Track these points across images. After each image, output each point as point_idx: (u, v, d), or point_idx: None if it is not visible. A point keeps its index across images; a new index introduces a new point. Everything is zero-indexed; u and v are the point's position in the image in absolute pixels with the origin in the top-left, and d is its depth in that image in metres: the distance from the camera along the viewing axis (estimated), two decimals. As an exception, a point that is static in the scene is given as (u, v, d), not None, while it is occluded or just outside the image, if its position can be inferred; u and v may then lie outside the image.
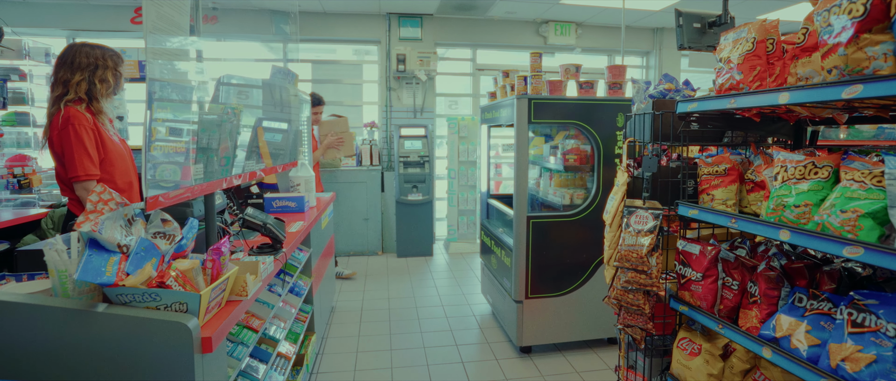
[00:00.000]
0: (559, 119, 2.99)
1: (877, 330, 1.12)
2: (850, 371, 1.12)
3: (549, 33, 6.35)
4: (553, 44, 6.45)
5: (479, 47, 6.47)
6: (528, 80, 3.26)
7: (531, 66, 3.31)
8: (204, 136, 1.83)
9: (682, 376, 1.67)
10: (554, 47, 6.61)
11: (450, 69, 6.66)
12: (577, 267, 3.01)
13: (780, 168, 1.42)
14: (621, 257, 1.71)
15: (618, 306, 1.77)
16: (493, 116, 3.60)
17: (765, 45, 1.55)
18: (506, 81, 3.64)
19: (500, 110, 3.42)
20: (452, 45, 6.43)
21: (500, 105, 3.44)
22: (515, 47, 6.51)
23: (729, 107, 1.55)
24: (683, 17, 3.85)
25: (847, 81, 1.21)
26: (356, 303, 4.04)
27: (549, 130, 3.83)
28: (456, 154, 5.81)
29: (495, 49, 6.59)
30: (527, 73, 3.29)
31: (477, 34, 6.24)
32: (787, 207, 1.34)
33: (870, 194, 1.17)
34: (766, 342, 1.34)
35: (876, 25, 1.22)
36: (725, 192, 1.64)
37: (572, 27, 6.42)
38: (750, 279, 1.50)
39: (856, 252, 1.11)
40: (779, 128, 1.95)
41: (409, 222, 5.56)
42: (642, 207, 1.74)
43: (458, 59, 6.61)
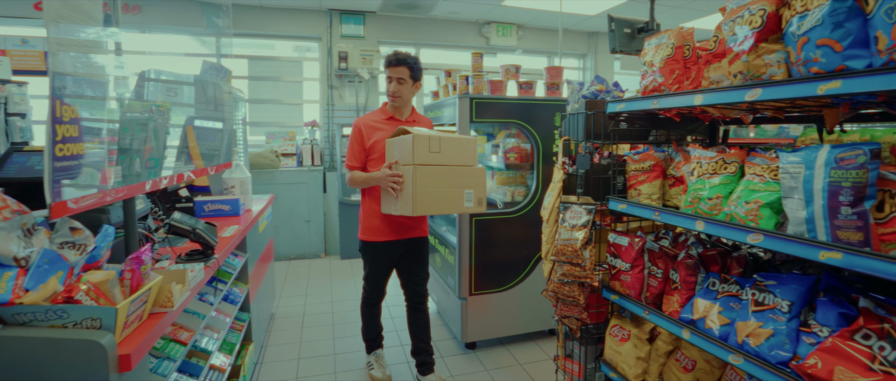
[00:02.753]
0: (500, 118, 3.06)
1: (774, 307, 1.25)
2: (752, 346, 1.24)
3: (492, 34, 6.48)
4: (495, 44, 6.59)
5: (422, 46, 6.47)
6: (469, 79, 3.31)
7: (473, 66, 3.36)
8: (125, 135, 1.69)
9: (614, 360, 1.77)
10: (496, 48, 6.75)
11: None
12: (519, 263, 3.10)
13: (696, 164, 1.55)
14: (558, 251, 1.79)
15: (555, 298, 1.84)
16: (436, 115, 3.61)
17: (682, 51, 1.68)
18: (448, 80, 3.67)
19: (442, 109, 3.45)
20: (396, 44, 6.39)
21: (442, 104, 3.46)
22: (459, 47, 6.58)
23: (652, 107, 1.66)
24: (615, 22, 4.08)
25: (749, 85, 1.34)
26: (298, 308, 3.90)
27: (491, 128, 3.91)
28: (400, 153, 5.78)
29: (439, 48, 6.62)
30: (469, 73, 3.34)
31: (420, 33, 6.24)
32: (702, 199, 1.46)
33: (768, 187, 1.31)
34: (685, 324, 1.45)
35: (771, 36, 1.36)
36: (650, 187, 1.76)
37: (514, 29, 6.60)
38: (672, 267, 1.62)
39: (757, 239, 1.24)
40: (696, 127, 2.12)
41: (354, 223, 5.45)
42: (576, 202, 1.83)
43: (402, 58, 6.58)
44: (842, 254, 1.06)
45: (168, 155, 2.08)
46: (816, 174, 1.15)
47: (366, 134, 2.45)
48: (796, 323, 1.22)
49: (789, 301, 1.24)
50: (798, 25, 1.24)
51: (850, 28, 1.13)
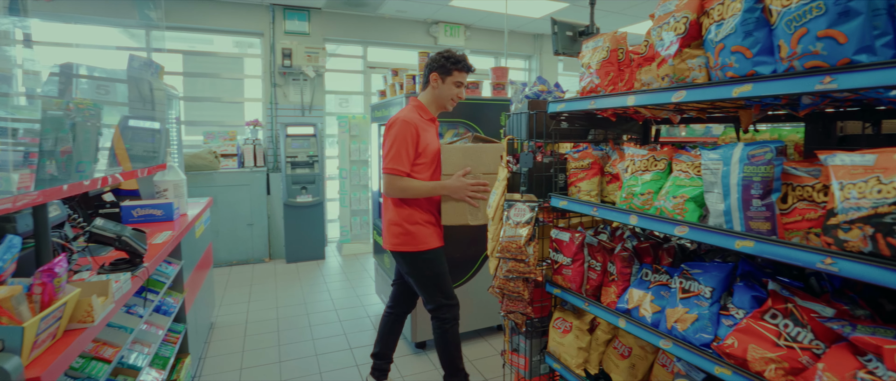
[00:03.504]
0: (447, 118, 3.08)
1: (698, 294, 1.35)
2: (680, 330, 1.33)
3: (440, 34, 6.51)
4: (443, 44, 6.63)
5: (370, 45, 6.39)
6: (416, 79, 3.31)
7: (419, 65, 3.36)
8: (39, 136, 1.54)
9: (557, 352, 1.83)
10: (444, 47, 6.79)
11: (340, 66, 6.47)
12: (468, 260, 3.14)
13: (630, 162, 1.63)
14: (502, 248, 1.82)
15: (501, 294, 1.88)
16: (384, 115, 3.58)
17: (617, 54, 1.77)
18: (395, 79, 3.65)
19: (390, 109, 3.42)
20: (343, 42, 6.26)
21: (389, 104, 3.43)
22: (407, 46, 6.55)
23: (589, 107, 1.73)
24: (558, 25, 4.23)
25: (675, 87, 1.43)
26: (240, 316, 3.73)
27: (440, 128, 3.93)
28: (347, 153, 5.67)
29: (387, 47, 6.56)
30: (416, 72, 3.33)
31: (368, 31, 6.15)
32: (635, 195, 1.54)
33: (693, 182, 1.40)
34: (622, 313, 1.53)
35: (694, 42, 1.46)
36: (589, 184, 1.83)
37: (461, 29, 6.66)
38: (609, 260, 1.70)
39: (683, 231, 1.32)
40: (631, 127, 2.23)
41: (299, 225, 5.28)
42: (520, 200, 1.87)
43: (348, 57, 6.46)
44: (754, 242, 1.16)
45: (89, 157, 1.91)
46: (732, 170, 1.25)
47: (421, 136, 2.20)
48: (717, 307, 1.32)
49: (711, 288, 1.34)
50: (715, 33, 1.34)
51: (759, 37, 1.23)
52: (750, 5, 1.24)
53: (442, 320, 2.27)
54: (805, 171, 1.18)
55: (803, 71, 1.12)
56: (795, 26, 1.13)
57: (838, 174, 1.06)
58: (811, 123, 1.72)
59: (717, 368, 1.23)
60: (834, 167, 1.08)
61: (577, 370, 1.77)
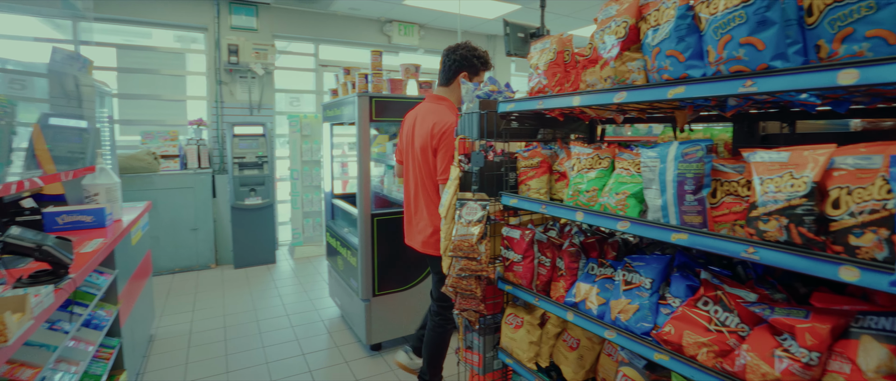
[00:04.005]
0: (401, 117, 3.06)
1: (639, 285, 1.42)
2: (623, 321, 1.39)
3: (394, 33, 6.47)
4: (397, 43, 6.59)
5: (322, 42, 6.24)
6: (369, 78, 3.27)
7: (372, 64, 3.32)
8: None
9: (510, 347, 1.87)
10: (398, 47, 6.75)
11: (291, 64, 6.28)
12: (422, 260, 3.13)
13: (576, 160, 1.69)
14: (455, 246, 1.83)
15: (454, 292, 1.89)
16: (336, 114, 3.51)
17: (563, 56, 1.82)
18: (347, 78, 3.59)
19: (342, 108, 3.36)
20: (293, 39, 6.08)
21: (342, 103, 3.37)
22: (360, 44, 6.46)
23: (538, 107, 1.78)
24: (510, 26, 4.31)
25: (616, 89, 1.49)
26: (183, 326, 3.53)
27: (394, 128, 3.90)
28: (299, 154, 5.51)
29: (340, 45, 6.44)
30: (369, 70, 3.29)
31: (319, 29, 6.01)
32: (581, 192, 1.60)
33: (633, 179, 1.47)
34: (570, 307, 1.58)
35: (633, 45, 1.53)
36: (539, 182, 1.88)
37: (415, 28, 6.65)
38: (558, 256, 1.76)
39: (624, 226, 1.39)
40: (578, 126, 2.31)
41: (248, 228, 5.07)
42: (472, 198, 1.89)
43: (300, 54, 6.27)
44: (687, 235, 1.23)
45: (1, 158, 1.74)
46: (668, 167, 1.32)
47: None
48: (656, 297, 1.39)
49: (651, 279, 1.41)
50: (652, 37, 1.42)
51: (690, 42, 1.31)
52: (682, 12, 1.32)
53: (445, 318, 2.40)
54: (731, 167, 1.27)
55: (728, 75, 1.20)
56: (721, 33, 1.21)
57: (759, 170, 1.15)
58: (738, 123, 1.85)
59: (656, 354, 1.30)
60: (755, 164, 1.16)
61: (528, 363, 1.81)
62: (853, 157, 1.02)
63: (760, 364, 1.09)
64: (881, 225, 0.94)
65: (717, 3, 1.23)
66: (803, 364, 1.02)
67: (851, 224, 0.98)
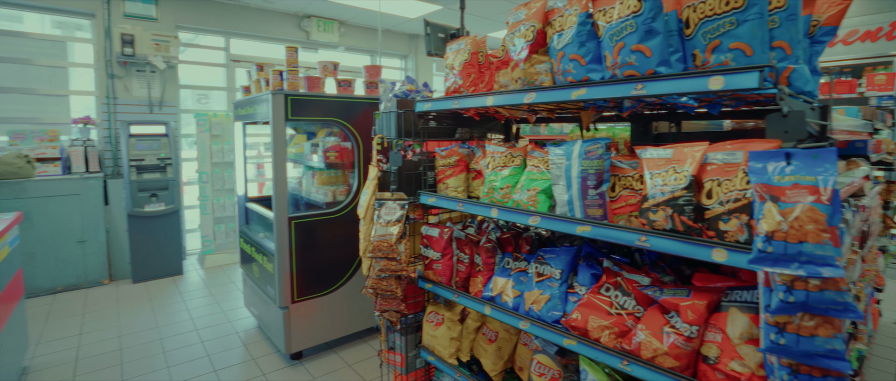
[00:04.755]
0: (319, 116, 2.96)
1: (550, 277, 1.49)
2: (536, 311, 1.46)
3: (312, 29, 6.23)
4: (317, 40, 6.36)
5: (233, 36, 5.84)
6: (284, 75, 3.11)
7: (288, 60, 3.17)
8: None
9: (431, 344, 1.88)
10: (318, 43, 6.52)
11: (199, 58, 5.80)
12: (343, 263, 3.06)
13: (491, 158, 1.75)
14: (374, 247, 1.81)
15: (375, 294, 1.86)
16: (249, 113, 3.30)
17: (477, 57, 1.87)
18: (261, 75, 3.39)
19: (255, 106, 3.17)
20: (201, 31, 5.62)
21: (255, 101, 3.18)
22: (276, 40, 6.14)
23: (453, 107, 1.81)
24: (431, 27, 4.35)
25: (526, 90, 1.56)
26: (67, 354, 3.10)
27: (313, 127, 3.76)
28: (208, 155, 5.10)
29: (253, 40, 6.07)
30: (284, 67, 3.13)
31: (231, 21, 5.61)
32: (496, 189, 1.65)
33: (543, 176, 1.55)
34: (487, 301, 1.63)
35: (541, 49, 1.61)
36: (456, 180, 1.91)
37: (335, 25, 6.46)
38: (476, 252, 1.80)
39: (535, 221, 1.45)
40: (494, 125, 2.39)
41: (149, 238, 4.60)
42: (391, 198, 1.88)
43: (209, 48, 5.81)
44: (591, 227, 1.32)
45: None
46: (573, 164, 1.41)
47: None
48: (565, 287, 1.48)
49: (560, 270, 1.49)
50: (557, 42, 1.50)
51: (590, 47, 1.41)
52: (582, 19, 1.41)
53: None
54: (627, 163, 1.38)
55: (623, 78, 1.30)
56: (616, 40, 1.31)
57: (649, 166, 1.26)
58: (635, 122, 2.02)
59: (565, 340, 1.38)
60: (646, 160, 1.28)
61: (450, 359, 1.83)
62: (722, 153, 1.16)
63: (652, 341, 1.20)
64: (743, 212, 1.08)
65: (611, 12, 1.34)
66: (686, 337, 1.14)
67: (721, 212, 1.12)
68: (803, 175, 0.98)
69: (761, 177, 1.02)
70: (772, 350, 0.96)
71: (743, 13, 1.13)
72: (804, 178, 0.97)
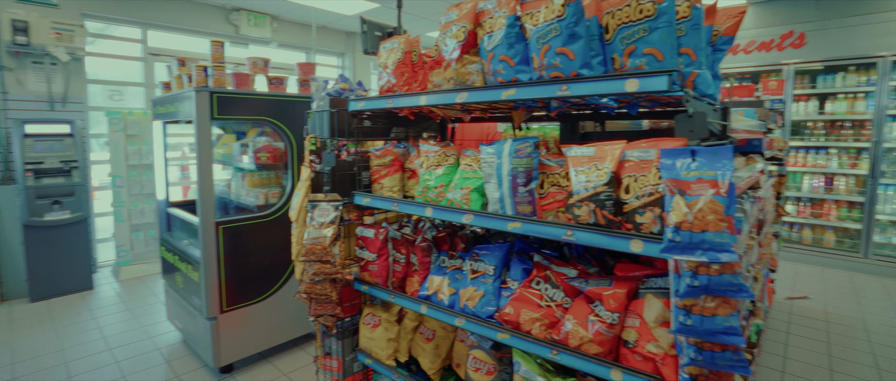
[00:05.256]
0: (249, 115, 2.81)
1: (484, 273, 1.52)
2: (470, 307, 1.48)
3: (242, 23, 5.91)
4: (247, 35, 6.04)
5: (151, 28, 5.39)
6: (209, 71, 2.92)
7: (213, 55, 2.97)
8: None
9: (369, 347, 1.85)
10: (248, 38, 6.20)
11: (112, 50, 5.29)
12: (277, 268, 2.93)
13: (425, 157, 1.75)
14: (307, 250, 1.75)
15: (309, 298, 1.80)
16: (170, 111, 3.06)
17: (410, 56, 1.86)
18: (182, 70, 3.16)
19: (177, 104, 2.94)
20: (114, 21, 5.13)
21: (176, 98, 2.95)
22: (202, 33, 5.75)
23: (387, 106, 1.79)
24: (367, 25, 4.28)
25: (459, 89, 1.58)
26: (-52, 384, 2.71)
27: (243, 127, 3.56)
28: (123, 157, 4.68)
29: (176, 32, 5.64)
30: (209, 62, 2.94)
31: (148, 12, 5.18)
32: (430, 188, 1.66)
33: (476, 175, 1.58)
34: (423, 300, 1.63)
35: (472, 49, 1.64)
36: (391, 180, 1.90)
37: (267, 19, 6.17)
38: (412, 252, 1.80)
39: (469, 219, 1.48)
40: (430, 125, 2.40)
41: (50, 250, 4.12)
42: (324, 200, 1.82)
43: (123, 40, 5.32)
44: (521, 223, 1.36)
45: None
46: (504, 162, 1.45)
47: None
48: (498, 282, 1.52)
49: (493, 266, 1.53)
50: (487, 43, 1.53)
51: (519, 49, 1.45)
52: (511, 21, 1.46)
53: None
54: (554, 161, 1.44)
55: (549, 80, 1.36)
56: (542, 43, 1.36)
57: (574, 163, 1.33)
58: (563, 122, 2.12)
59: (499, 334, 1.41)
60: (571, 158, 1.34)
61: (387, 361, 1.81)
62: (637, 151, 1.24)
63: (579, 329, 1.26)
64: (656, 205, 1.16)
65: (538, 15, 1.39)
66: (608, 324, 1.22)
67: (637, 206, 1.20)
68: (706, 170, 1.07)
69: (671, 172, 1.10)
70: (680, 331, 1.04)
71: (654, 21, 1.22)
72: (707, 173, 1.07)
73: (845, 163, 4.86)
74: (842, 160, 4.88)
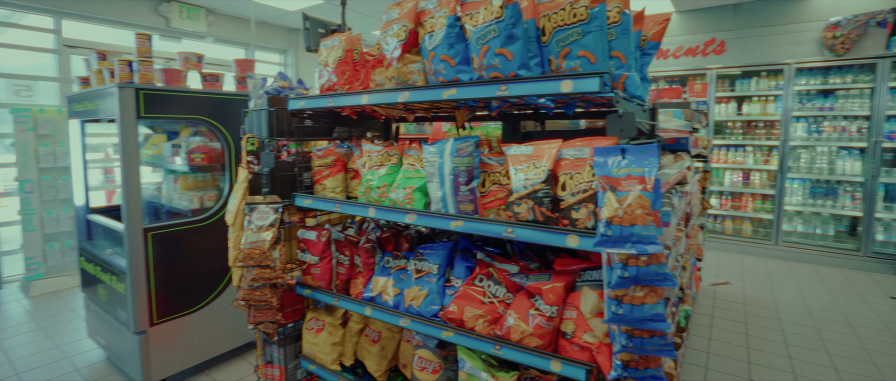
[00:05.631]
0: (181, 114, 2.64)
1: (428, 272, 1.53)
2: (415, 307, 1.48)
3: (173, 15, 5.55)
4: (179, 28, 5.68)
5: (67, 17, 4.92)
6: (135, 66, 2.71)
7: (138, 49, 2.76)
8: None
9: (312, 353, 1.80)
10: (180, 32, 5.83)
11: (19, 40, 4.77)
12: (214, 275, 2.77)
13: (367, 157, 1.72)
14: (245, 255, 1.67)
15: (247, 306, 1.72)
16: (89, 109, 2.81)
17: (352, 54, 1.83)
18: (103, 64, 2.91)
19: (97, 101, 2.71)
20: (21, 7, 4.63)
21: (97, 95, 2.71)
22: (127, 24, 5.34)
23: (328, 105, 1.74)
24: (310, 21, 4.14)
25: (401, 89, 1.57)
26: None
27: (175, 126, 3.34)
28: (33, 159, 4.24)
29: (96, 23, 5.19)
30: (134, 57, 2.72)
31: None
32: (373, 189, 1.64)
33: (419, 174, 1.58)
34: (367, 302, 1.61)
35: (413, 48, 1.63)
36: (334, 181, 1.85)
37: (202, 12, 5.83)
38: (356, 253, 1.76)
39: (412, 218, 1.47)
40: (374, 124, 2.37)
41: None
42: (263, 202, 1.75)
43: (33, 29, 4.82)
44: (463, 222, 1.38)
45: None
46: (446, 161, 1.46)
47: None
48: (443, 281, 1.53)
49: (437, 265, 1.53)
50: (429, 42, 1.54)
51: (459, 49, 1.46)
52: (451, 22, 1.47)
53: None
54: (495, 160, 1.47)
55: (488, 80, 1.38)
56: (482, 43, 1.38)
57: (513, 162, 1.36)
58: (505, 121, 2.16)
59: (443, 333, 1.42)
60: (510, 156, 1.37)
61: (332, 366, 1.77)
62: (573, 149, 1.29)
63: (520, 324, 1.29)
64: (590, 201, 1.22)
65: (477, 16, 1.40)
66: (547, 317, 1.26)
67: (573, 202, 1.25)
68: (635, 167, 1.13)
69: (603, 170, 1.15)
70: (613, 320, 1.10)
71: (587, 25, 1.27)
72: (635, 170, 1.13)
73: (759, 159, 5.34)
74: (756, 157, 5.36)
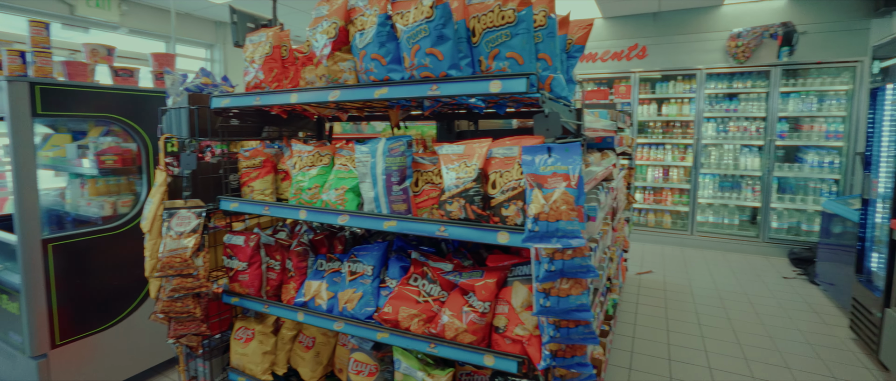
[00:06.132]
0: (89, 112, 2.39)
1: (363, 274, 1.50)
2: (349, 310, 1.45)
3: (79, 2, 5.02)
4: (86, 17, 5.16)
5: (-58, 1, 4.30)
6: (28, 57, 2.42)
7: (33, 39, 2.47)
8: None
9: (241, 364, 1.71)
10: (88, 21, 5.29)
11: None
12: (131, 287, 2.55)
13: (297, 158, 1.66)
14: (164, 264, 1.55)
15: (167, 318, 1.60)
16: (-28, 105, 2.47)
17: (280, 51, 1.76)
18: (-11, 55, 2.57)
19: (-19, 96, 2.39)
20: None
21: (-21, 89, 2.39)
22: (21, 10, 4.76)
23: (255, 104, 1.66)
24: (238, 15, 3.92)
25: (331, 87, 1.53)
26: None
27: (83, 125, 3.02)
28: None
29: (-21, 9, 4.58)
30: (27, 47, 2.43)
31: (-67, -20, 4.12)
32: (303, 190, 1.58)
33: (351, 174, 1.55)
34: (300, 307, 1.55)
35: (344, 46, 1.59)
36: (263, 182, 1.77)
37: (114, 1, 5.33)
38: (287, 257, 1.70)
39: (345, 219, 1.44)
40: (306, 124, 2.29)
41: None
42: (184, 207, 1.63)
43: None
44: (396, 222, 1.37)
45: None
46: (378, 161, 1.44)
47: None
48: (377, 282, 1.51)
49: (372, 266, 1.51)
50: (359, 41, 1.51)
51: (390, 48, 1.45)
52: (382, 21, 1.45)
53: None
54: (428, 159, 1.47)
55: (420, 79, 1.38)
56: (412, 43, 1.38)
57: (445, 161, 1.37)
58: (440, 121, 2.18)
59: (379, 334, 1.41)
60: (442, 156, 1.38)
61: (263, 376, 1.69)
62: (502, 148, 1.33)
63: (454, 321, 1.31)
64: (519, 198, 1.26)
65: (408, 15, 1.40)
66: (480, 313, 1.28)
67: (503, 200, 1.28)
68: (560, 165, 1.18)
69: (530, 168, 1.19)
70: (541, 312, 1.14)
71: (515, 27, 1.31)
72: (560, 167, 1.18)
73: (676, 157, 5.79)
74: (674, 154, 5.82)
